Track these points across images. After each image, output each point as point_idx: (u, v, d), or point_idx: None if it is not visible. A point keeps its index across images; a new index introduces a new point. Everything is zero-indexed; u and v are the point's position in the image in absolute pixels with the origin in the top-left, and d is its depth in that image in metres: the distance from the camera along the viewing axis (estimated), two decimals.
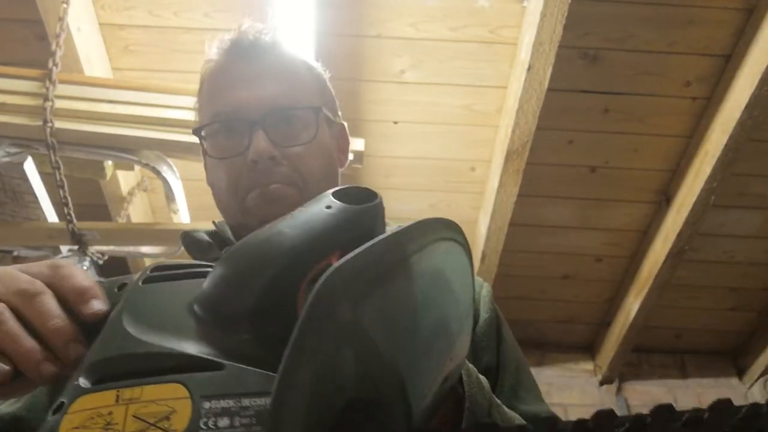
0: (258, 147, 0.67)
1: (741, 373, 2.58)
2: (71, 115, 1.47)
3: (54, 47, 1.44)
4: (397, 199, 2.10)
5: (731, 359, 2.63)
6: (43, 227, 1.60)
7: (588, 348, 2.65)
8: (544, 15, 1.56)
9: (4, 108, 1.45)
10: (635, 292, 2.27)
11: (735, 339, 2.59)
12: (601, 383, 2.54)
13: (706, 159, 1.86)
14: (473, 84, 1.86)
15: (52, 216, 1.62)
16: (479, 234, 2.14)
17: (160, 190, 1.84)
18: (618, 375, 2.54)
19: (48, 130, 1.41)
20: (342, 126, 0.81)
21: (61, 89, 1.47)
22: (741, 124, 1.72)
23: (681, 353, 2.63)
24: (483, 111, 1.92)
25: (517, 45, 1.75)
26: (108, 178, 1.66)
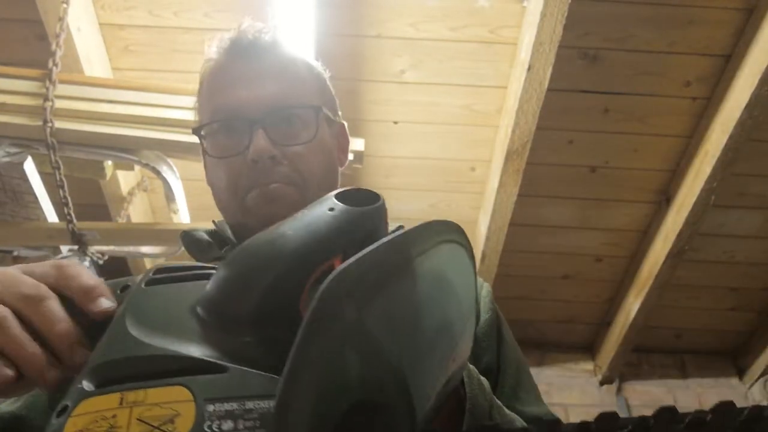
0: (258, 146, 0.67)
1: (741, 373, 2.58)
2: (71, 115, 1.47)
3: (54, 47, 1.44)
4: (397, 199, 2.10)
5: (731, 359, 2.63)
6: (43, 227, 1.60)
7: (588, 348, 2.65)
8: (544, 15, 1.56)
9: (4, 108, 1.45)
10: (635, 292, 2.27)
11: (735, 339, 2.59)
12: (601, 383, 2.54)
13: (706, 159, 1.86)
14: (473, 84, 1.86)
15: (52, 216, 1.62)
16: (479, 234, 2.14)
17: (160, 190, 1.84)
18: (618, 375, 2.54)
19: (48, 130, 1.41)
20: (342, 125, 0.81)
21: (61, 89, 1.47)
22: (741, 124, 1.72)
23: (681, 353, 2.63)
24: (483, 111, 1.92)
25: (517, 45, 1.75)
26: (108, 178, 1.66)
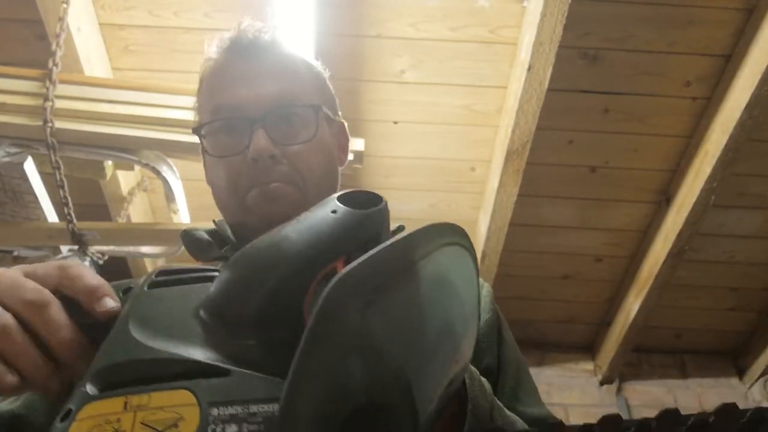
0: (258, 145, 0.67)
1: (741, 373, 2.58)
2: (71, 115, 1.47)
3: (54, 47, 1.44)
4: (397, 199, 2.10)
5: (731, 359, 2.63)
6: (43, 227, 1.60)
7: (588, 348, 2.65)
8: (544, 15, 1.56)
9: (4, 108, 1.45)
10: (635, 292, 2.27)
11: (735, 339, 2.59)
12: (601, 383, 2.54)
13: (706, 159, 1.86)
14: (473, 84, 1.86)
15: (52, 216, 1.62)
16: (479, 234, 2.14)
17: (160, 190, 1.84)
18: (618, 375, 2.54)
19: (48, 130, 1.41)
20: (342, 124, 0.81)
21: (61, 89, 1.47)
22: (741, 124, 1.72)
23: (681, 353, 2.63)
24: (483, 111, 1.92)
25: (517, 45, 1.75)
26: (108, 178, 1.66)
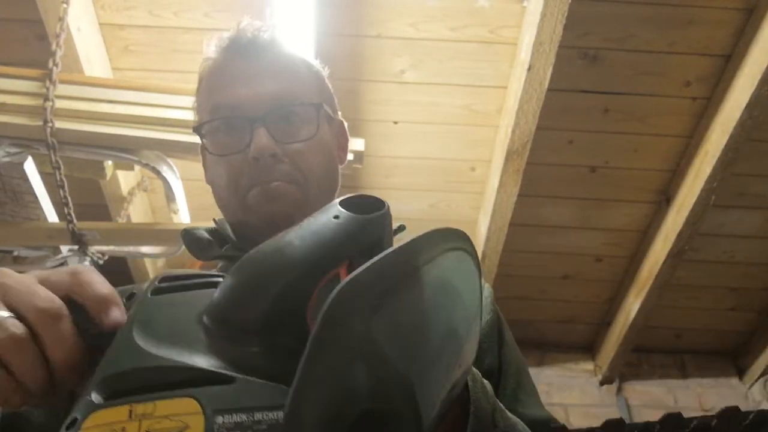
0: (259, 144, 0.67)
1: (741, 373, 2.58)
2: (71, 115, 1.47)
3: (54, 47, 1.44)
4: (397, 199, 2.10)
5: (731, 359, 2.63)
6: (43, 227, 1.60)
7: (588, 348, 2.65)
8: (544, 15, 1.56)
9: (4, 108, 1.45)
10: (635, 292, 2.27)
11: (735, 339, 2.59)
12: (602, 383, 2.54)
13: (706, 159, 1.86)
14: (473, 84, 1.86)
15: (52, 216, 1.62)
16: (479, 234, 2.14)
17: (160, 190, 1.84)
18: (618, 375, 2.54)
19: (48, 130, 1.41)
20: (341, 123, 0.81)
21: (61, 89, 1.47)
22: (741, 124, 1.72)
23: (681, 353, 2.63)
24: (483, 111, 1.92)
25: (517, 45, 1.75)
26: (108, 178, 1.66)
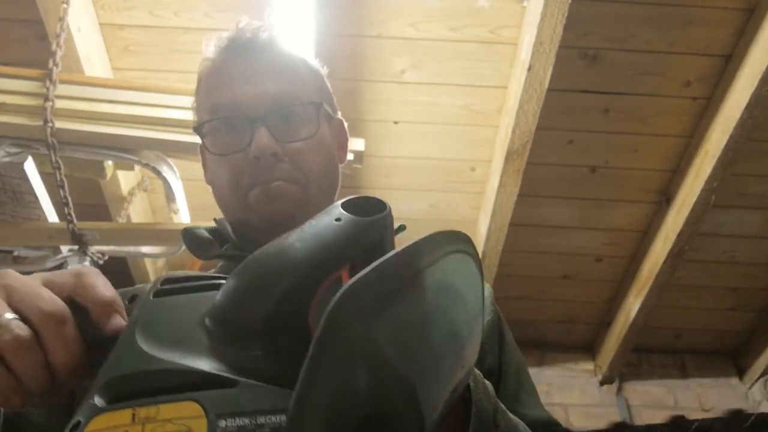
0: (260, 143, 0.67)
1: (741, 373, 2.58)
2: (71, 115, 1.47)
3: (54, 47, 1.44)
4: (397, 199, 2.10)
5: (731, 359, 2.63)
6: (44, 227, 1.60)
7: (588, 348, 2.65)
8: (544, 15, 1.56)
9: (4, 108, 1.45)
10: (635, 292, 2.27)
11: (735, 339, 2.59)
12: (602, 383, 2.54)
13: (706, 159, 1.86)
14: (473, 84, 1.86)
15: (52, 216, 1.62)
16: (479, 234, 2.14)
17: (160, 190, 1.84)
18: (618, 375, 2.54)
19: (48, 130, 1.41)
20: (340, 122, 0.81)
21: (62, 89, 1.47)
22: (741, 124, 1.72)
23: (681, 353, 2.63)
24: (483, 111, 1.92)
25: (518, 45, 1.75)
26: (108, 178, 1.66)
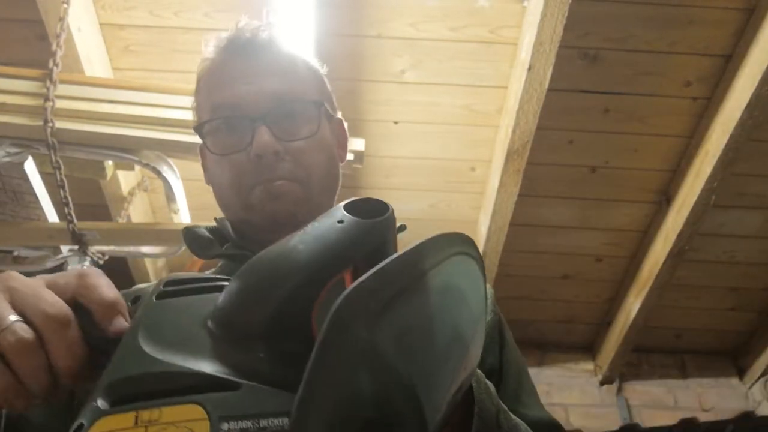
0: (261, 142, 0.67)
1: (741, 373, 2.58)
2: (72, 115, 1.47)
3: (54, 47, 1.44)
4: (397, 199, 2.10)
5: (731, 359, 2.63)
6: (44, 227, 1.60)
7: (588, 348, 2.65)
8: (544, 15, 1.56)
9: (4, 108, 1.45)
10: (635, 292, 2.27)
11: (735, 339, 2.59)
12: (602, 383, 2.54)
13: (706, 159, 1.86)
14: (473, 84, 1.86)
15: (52, 216, 1.62)
16: (479, 234, 2.14)
17: (160, 190, 1.84)
18: (618, 375, 2.54)
19: (48, 130, 1.41)
20: (340, 121, 0.81)
21: (62, 89, 1.47)
22: (741, 124, 1.72)
23: (681, 353, 2.63)
24: (483, 111, 1.92)
25: (518, 45, 1.75)
26: (108, 178, 1.66)
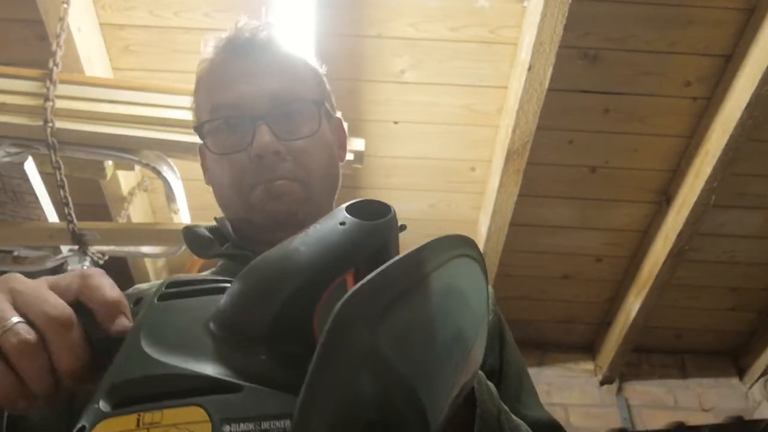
0: (262, 141, 0.67)
1: (741, 373, 2.58)
2: (72, 115, 1.47)
3: (54, 47, 1.44)
4: (397, 199, 2.10)
5: (731, 359, 2.63)
6: (44, 227, 1.60)
7: (588, 348, 2.65)
8: (544, 15, 1.56)
9: (4, 108, 1.45)
10: (635, 292, 2.27)
11: (735, 339, 2.59)
12: (602, 383, 2.54)
13: (706, 159, 1.86)
14: (473, 84, 1.86)
15: (52, 216, 1.62)
16: (479, 234, 2.14)
17: (160, 190, 1.84)
18: (618, 375, 2.54)
19: (48, 130, 1.41)
20: (339, 120, 0.81)
21: (62, 89, 1.47)
22: (741, 124, 1.72)
23: (681, 353, 2.63)
24: (483, 111, 1.92)
25: (518, 45, 1.75)
26: (108, 178, 1.66)
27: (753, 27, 1.68)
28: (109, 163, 1.62)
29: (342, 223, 0.36)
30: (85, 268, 1.48)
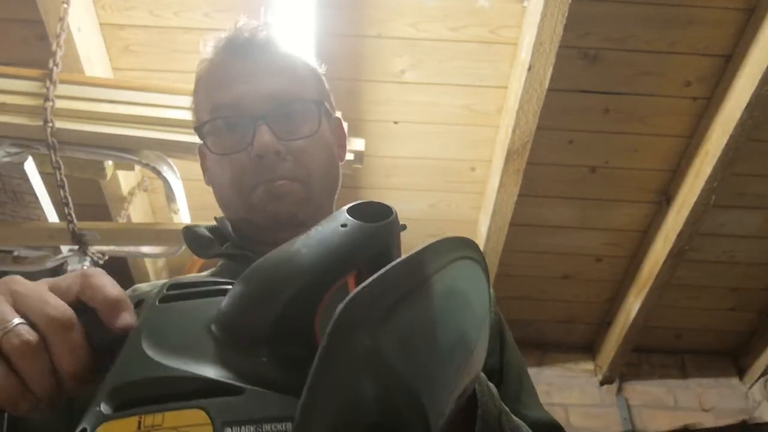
0: (262, 141, 0.67)
1: (741, 373, 2.58)
2: (72, 115, 1.47)
3: (54, 47, 1.44)
4: (397, 199, 2.10)
5: (731, 359, 2.63)
6: (44, 227, 1.60)
7: (588, 348, 2.65)
8: (544, 15, 1.56)
9: (4, 108, 1.45)
10: (635, 292, 2.27)
11: (735, 339, 2.59)
12: (602, 383, 2.54)
13: (706, 159, 1.86)
14: (473, 84, 1.86)
15: (52, 216, 1.62)
16: (479, 234, 2.14)
17: (160, 190, 1.84)
18: (618, 375, 2.54)
19: (48, 130, 1.41)
20: (339, 120, 0.81)
21: (62, 89, 1.47)
22: (741, 124, 1.72)
23: (681, 353, 2.63)
24: (483, 111, 1.92)
25: (518, 45, 1.75)
26: (108, 178, 1.66)
27: (753, 27, 1.68)
28: (109, 163, 1.62)
29: (343, 225, 0.36)
30: (85, 268, 1.48)
